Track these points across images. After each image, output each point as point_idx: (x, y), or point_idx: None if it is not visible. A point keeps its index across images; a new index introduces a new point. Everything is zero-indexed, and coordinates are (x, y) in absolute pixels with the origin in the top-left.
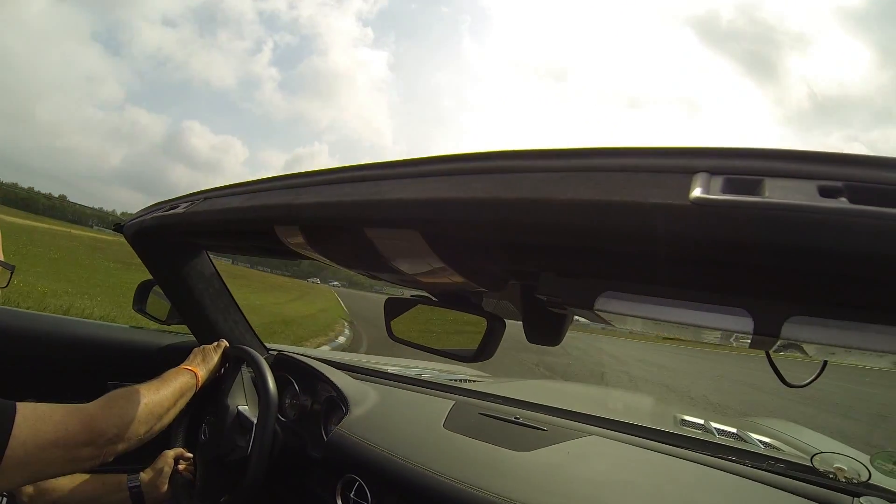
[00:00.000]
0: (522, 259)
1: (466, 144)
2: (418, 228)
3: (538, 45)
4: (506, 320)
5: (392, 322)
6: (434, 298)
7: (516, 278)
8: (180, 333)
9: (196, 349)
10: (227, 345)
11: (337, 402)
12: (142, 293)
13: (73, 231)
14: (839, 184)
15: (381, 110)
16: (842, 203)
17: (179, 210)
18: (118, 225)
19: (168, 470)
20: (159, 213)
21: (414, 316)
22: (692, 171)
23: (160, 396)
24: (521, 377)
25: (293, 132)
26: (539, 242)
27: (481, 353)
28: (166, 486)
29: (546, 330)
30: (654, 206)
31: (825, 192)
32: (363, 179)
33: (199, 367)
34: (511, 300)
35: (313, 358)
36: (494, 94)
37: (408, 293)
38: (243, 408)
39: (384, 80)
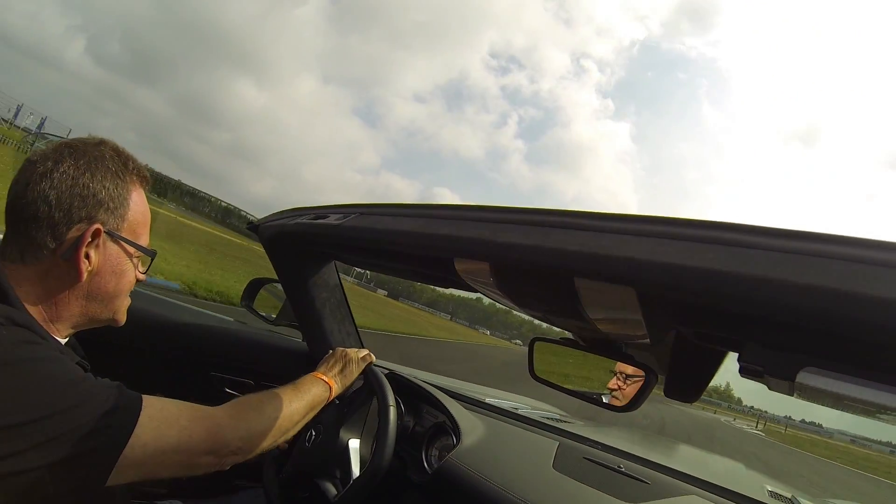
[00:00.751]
0: (731, 327)
1: (717, 216)
2: (639, 289)
3: (780, 106)
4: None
5: (536, 361)
6: (583, 343)
7: (711, 342)
8: (286, 336)
9: (336, 353)
10: (373, 359)
11: (444, 429)
12: (252, 290)
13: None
14: None
15: (625, 183)
16: None
17: (330, 221)
18: (252, 224)
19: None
20: (304, 220)
21: (558, 357)
22: None
23: (291, 410)
24: (610, 424)
25: (539, 203)
26: (754, 314)
27: (633, 404)
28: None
29: (688, 387)
30: (877, 298)
31: None
32: (579, 228)
33: (336, 380)
34: (661, 352)
35: (422, 381)
36: (738, 162)
37: (553, 332)
38: (354, 443)
39: (627, 151)
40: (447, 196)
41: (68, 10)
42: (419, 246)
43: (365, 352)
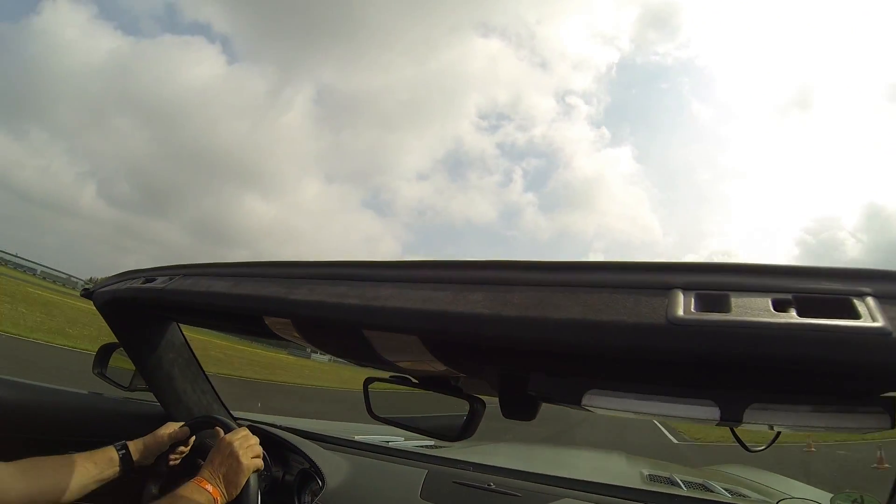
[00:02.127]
0: (514, 361)
1: (740, 209)
2: (419, 335)
3: (766, 79)
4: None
5: (372, 400)
6: (414, 380)
7: (504, 374)
8: (143, 401)
9: (220, 448)
10: (261, 465)
11: (310, 475)
12: (102, 356)
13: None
14: (789, 296)
15: (641, 204)
16: (791, 317)
17: (157, 284)
18: (87, 290)
19: (158, 447)
20: (134, 285)
21: (394, 394)
22: (668, 288)
23: None
24: (489, 441)
25: (564, 248)
26: (531, 350)
27: (464, 432)
28: (148, 461)
29: (522, 407)
30: (636, 326)
31: (778, 306)
32: (361, 279)
33: (221, 488)
34: (490, 382)
35: (282, 427)
36: (744, 147)
37: (385, 373)
38: None
39: (634, 173)
40: None
41: (75, 159)
42: (229, 306)
43: (251, 443)
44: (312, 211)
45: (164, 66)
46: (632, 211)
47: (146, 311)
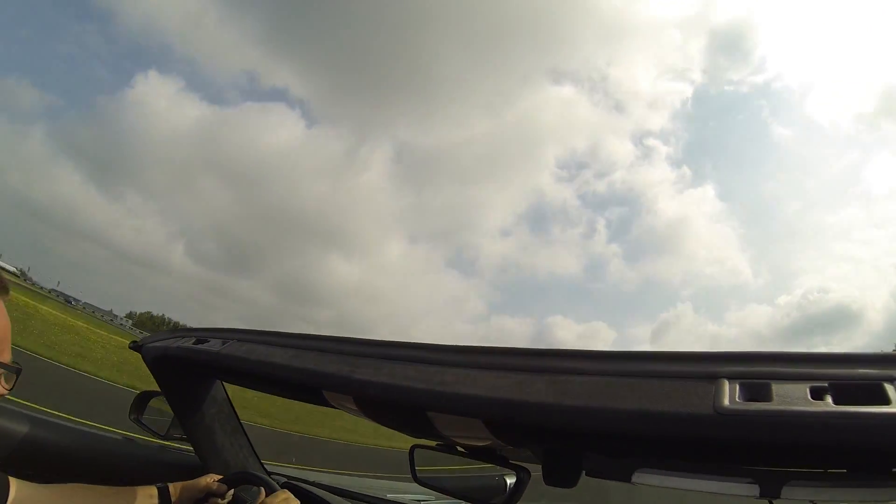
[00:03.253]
0: (570, 442)
1: (835, 239)
2: (482, 419)
3: (849, 89)
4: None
5: (417, 467)
6: (461, 450)
7: (554, 449)
8: (178, 449)
9: None
10: None
11: None
12: (140, 403)
13: None
14: (825, 384)
15: (728, 245)
16: (828, 406)
17: (211, 347)
18: (135, 343)
19: (197, 494)
20: (185, 344)
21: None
22: (714, 377)
23: None
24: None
25: (650, 298)
26: (586, 432)
27: (510, 500)
28: None
29: (564, 477)
30: (686, 416)
31: (815, 394)
32: (424, 362)
33: None
34: (535, 452)
35: (315, 484)
36: (832, 167)
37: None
38: None
39: (719, 212)
40: (559, 322)
41: (166, 220)
42: (288, 377)
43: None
44: (396, 271)
45: (246, 131)
46: (719, 253)
47: (195, 369)
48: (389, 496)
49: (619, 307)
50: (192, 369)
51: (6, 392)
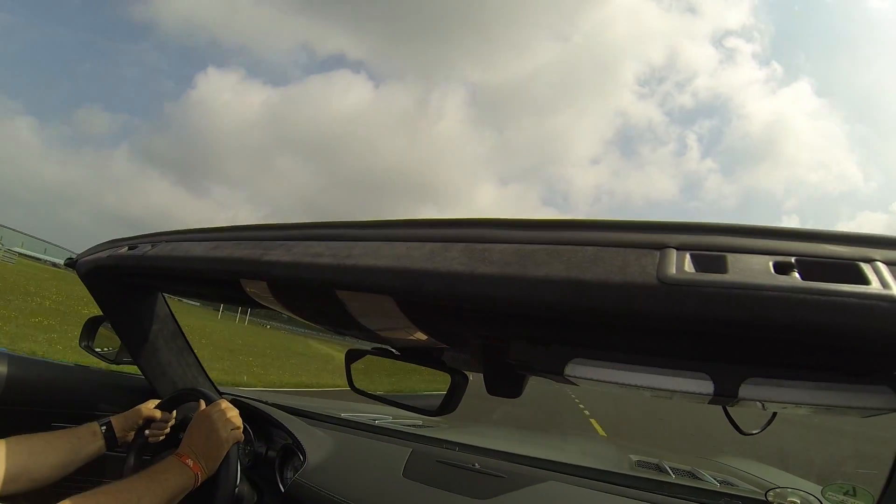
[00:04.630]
0: (493, 326)
1: None
2: (392, 295)
3: None
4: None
5: (353, 374)
6: (396, 352)
7: (485, 341)
8: (128, 374)
9: (198, 420)
10: (241, 437)
11: (293, 450)
12: (90, 330)
13: None
14: (791, 259)
15: (832, 145)
16: (794, 280)
17: (138, 251)
18: (71, 260)
19: (140, 422)
20: (117, 253)
21: (375, 367)
22: (660, 247)
23: None
24: (476, 421)
25: (752, 213)
26: (511, 313)
27: (445, 407)
28: (132, 436)
29: (507, 383)
30: (624, 284)
31: (779, 268)
32: (335, 238)
33: (202, 462)
34: (472, 354)
35: (267, 403)
36: None
37: (366, 344)
38: None
39: (818, 109)
40: None
41: (257, 204)
42: (206, 269)
43: (230, 415)
44: (492, 216)
45: (315, 103)
46: (823, 156)
47: (129, 279)
48: (343, 415)
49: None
50: (125, 280)
51: None
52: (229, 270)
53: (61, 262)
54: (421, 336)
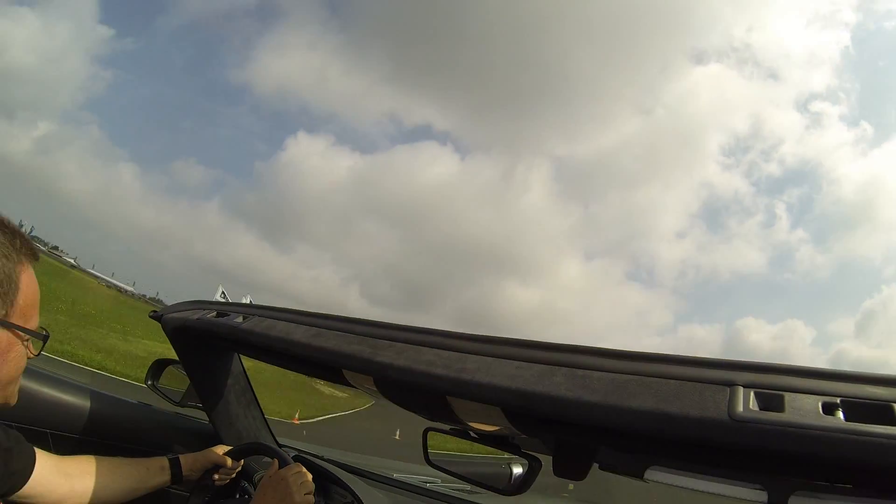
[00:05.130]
0: (586, 435)
1: None
2: (503, 408)
3: None
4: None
5: (430, 449)
6: (475, 435)
7: (567, 441)
8: (192, 417)
9: (272, 483)
10: (314, 502)
11: None
12: (156, 370)
13: None
14: (837, 400)
15: None
16: (838, 421)
17: (230, 320)
18: (155, 313)
19: (207, 464)
20: (206, 317)
21: (451, 445)
22: (729, 384)
23: None
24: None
25: (848, 284)
26: (601, 427)
27: (519, 488)
28: (196, 476)
29: (574, 469)
30: (700, 419)
31: (826, 409)
32: (445, 348)
33: None
34: (545, 442)
35: (324, 459)
36: None
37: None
38: None
39: None
40: (750, 325)
41: (339, 266)
42: (309, 355)
43: (305, 479)
44: (576, 291)
45: (402, 172)
46: None
47: (217, 342)
48: (396, 475)
49: (813, 300)
50: (211, 342)
51: (33, 356)
52: (335, 362)
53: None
54: (512, 432)
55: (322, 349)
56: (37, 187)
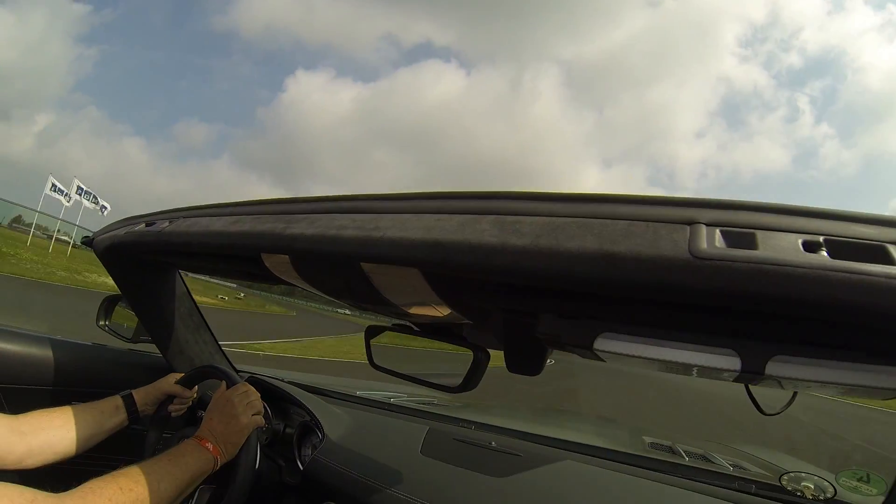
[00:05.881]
0: (522, 300)
1: None
2: (420, 267)
3: None
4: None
5: (373, 350)
6: (416, 328)
7: (511, 315)
8: (147, 353)
9: (219, 401)
10: (262, 422)
11: (311, 428)
12: (107, 308)
13: None
14: (820, 238)
15: None
16: (822, 258)
17: (156, 228)
18: (87, 238)
19: (161, 396)
20: (135, 229)
21: (395, 344)
22: (690, 223)
23: (160, 493)
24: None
25: (877, 182)
26: (541, 286)
27: (467, 384)
28: (154, 410)
29: (527, 360)
30: (655, 258)
31: (808, 247)
32: (360, 211)
33: (222, 446)
34: (495, 329)
35: (283, 381)
36: None
37: (386, 320)
38: None
39: None
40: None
41: None
42: (226, 244)
43: (251, 399)
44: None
45: (407, 95)
46: None
47: (147, 256)
48: (359, 393)
49: (840, 198)
50: (142, 257)
51: None
52: (250, 245)
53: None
54: (443, 311)
55: (238, 233)
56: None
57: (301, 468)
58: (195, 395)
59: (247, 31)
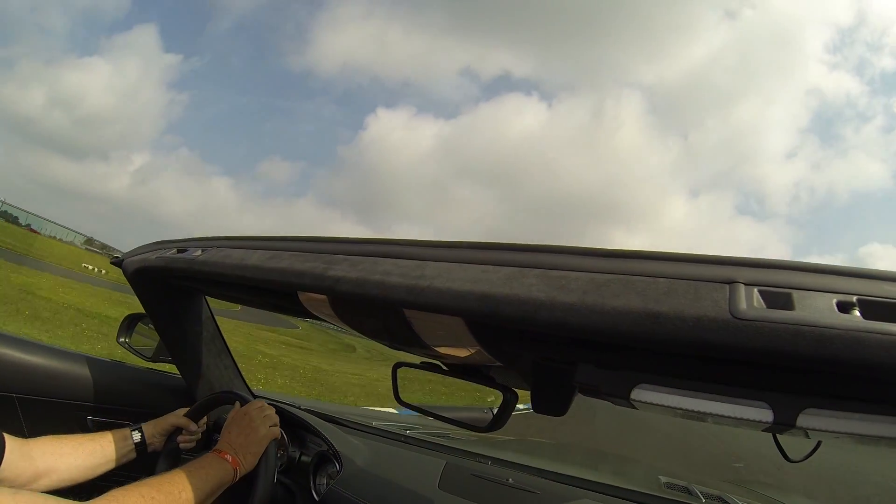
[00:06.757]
0: (562, 350)
1: None
2: (466, 318)
3: None
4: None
5: (400, 387)
6: (444, 367)
7: (548, 362)
8: (165, 373)
9: (237, 417)
10: (278, 434)
11: (328, 457)
12: (128, 326)
13: None
14: (853, 298)
15: None
16: (855, 319)
17: (188, 255)
18: (117, 259)
19: (169, 429)
20: (166, 255)
21: (422, 381)
22: (729, 282)
23: (181, 502)
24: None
25: None
26: (582, 338)
27: (495, 423)
28: (162, 443)
29: (554, 401)
30: (697, 318)
31: (842, 308)
32: (403, 257)
33: (240, 457)
34: (522, 372)
35: (301, 408)
36: None
37: (415, 357)
38: None
39: None
40: (876, 252)
41: (438, 235)
42: (262, 280)
43: (267, 413)
44: (684, 232)
45: (488, 130)
46: None
47: (176, 282)
48: (375, 423)
49: None
50: (171, 282)
51: None
52: (289, 283)
53: None
54: (475, 354)
55: (275, 270)
56: (143, 217)
57: (316, 498)
58: (205, 426)
59: (324, 71)
